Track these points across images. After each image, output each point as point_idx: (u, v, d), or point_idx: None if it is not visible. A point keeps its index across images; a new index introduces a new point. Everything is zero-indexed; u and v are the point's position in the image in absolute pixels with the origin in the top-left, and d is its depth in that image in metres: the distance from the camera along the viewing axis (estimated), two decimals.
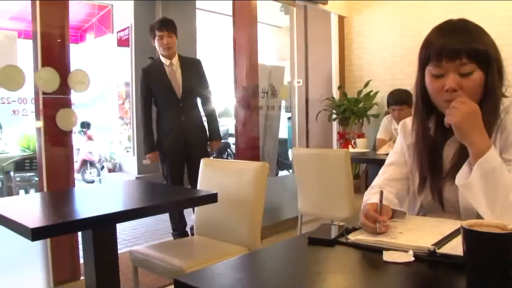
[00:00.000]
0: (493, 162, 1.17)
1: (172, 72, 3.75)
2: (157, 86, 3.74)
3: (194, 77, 3.83)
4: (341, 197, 3.12)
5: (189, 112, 3.78)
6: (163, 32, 3.67)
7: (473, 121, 1.19)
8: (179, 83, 3.74)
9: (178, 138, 3.74)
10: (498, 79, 1.29)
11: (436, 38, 1.30)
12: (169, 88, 3.71)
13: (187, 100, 3.77)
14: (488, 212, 1.16)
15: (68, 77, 3.03)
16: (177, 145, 3.74)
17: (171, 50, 3.73)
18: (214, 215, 2.41)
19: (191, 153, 3.75)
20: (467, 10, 4.61)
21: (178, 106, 3.73)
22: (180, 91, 3.73)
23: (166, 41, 3.67)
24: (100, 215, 1.66)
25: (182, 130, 3.73)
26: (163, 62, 3.75)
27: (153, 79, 3.75)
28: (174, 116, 3.74)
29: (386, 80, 5.23)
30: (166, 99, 3.74)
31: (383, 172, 1.51)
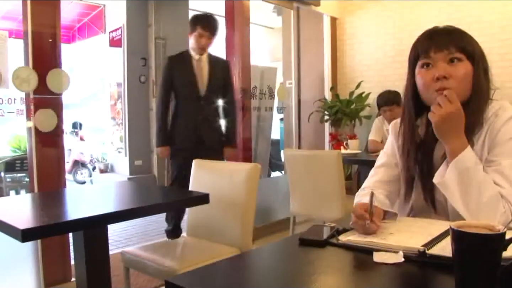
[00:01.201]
0: (468, 162, 1.21)
1: (199, 67, 3.60)
2: (181, 78, 3.57)
3: (220, 77, 3.68)
4: (333, 198, 3.13)
5: (208, 112, 3.61)
6: (205, 32, 3.51)
7: (452, 122, 1.22)
8: (204, 80, 3.59)
9: (192, 136, 3.56)
10: (484, 78, 1.31)
11: (424, 39, 1.34)
12: (192, 83, 3.56)
13: (209, 99, 3.61)
14: (465, 211, 1.19)
15: (46, 76, 2.98)
16: (190, 144, 3.56)
17: (205, 52, 3.61)
18: (206, 216, 2.41)
19: (203, 155, 3.34)
20: (457, 12, 4.65)
21: (199, 104, 3.56)
22: (204, 88, 3.58)
23: (204, 42, 3.53)
24: (91, 216, 1.66)
25: (198, 129, 3.56)
26: (192, 55, 3.60)
27: (178, 69, 3.59)
28: (193, 113, 3.56)
29: (378, 81, 5.25)
30: (187, 94, 3.57)
31: (374, 173, 1.52)
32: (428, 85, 1.29)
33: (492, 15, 4.50)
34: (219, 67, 3.69)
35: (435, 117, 1.23)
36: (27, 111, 2.97)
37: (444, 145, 1.26)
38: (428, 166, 1.34)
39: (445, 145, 1.26)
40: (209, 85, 3.58)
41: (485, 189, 1.19)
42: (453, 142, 1.23)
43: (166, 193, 2.52)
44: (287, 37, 5.87)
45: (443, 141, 1.26)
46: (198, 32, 3.49)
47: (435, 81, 1.27)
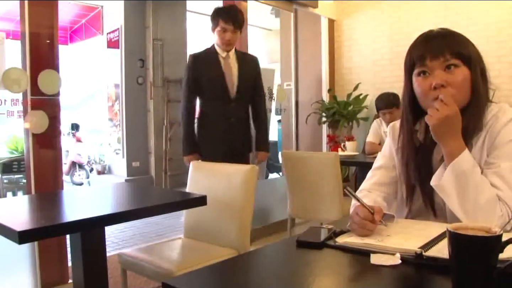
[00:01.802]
0: (465, 165, 1.21)
1: (227, 66, 3.26)
2: (208, 78, 3.22)
3: (251, 76, 3.35)
4: (331, 200, 3.14)
5: (240, 115, 3.29)
6: (229, 26, 3.16)
7: (449, 125, 1.22)
8: (234, 80, 3.25)
9: (223, 143, 3.22)
10: (482, 81, 1.31)
11: (419, 44, 1.33)
12: (221, 83, 3.20)
13: (240, 101, 3.28)
14: (462, 213, 1.19)
15: (38, 77, 2.96)
16: (220, 151, 3.17)
17: (231, 47, 3.26)
18: (204, 218, 2.41)
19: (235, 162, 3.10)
20: (454, 14, 4.67)
21: (229, 106, 3.22)
22: (234, 89, 3.24)
23: (229, 37, 3.18)
24: (88, 218, 1.65)
25: (229, 135, 3.23)
26: (218, 53, 3.25)
27: (204, 69, 3.23)
28: (223, 117, 3.21)
29: (375, 83, 5.26)
30: (216, 96, 3.22)
31: (371, 175, 1.52)
32: (426, 93, 1.29)
33: (488, 17, 4.52)
34: (249, 64, 3.38)
35: (432, 120, 1.23)
36: (24, 113, 2.96)
37: (442, 147, 1.26)
38: (427, 170, 1.34)
39: (442, 147, 1.26)
40: (240, 85, 3.25)
41: (482, 192, 1.19)
42: (451, 145, 1.24)
43: (163, 195, 2.52)
44: (285, 39, 5.88)
45: (440, 143, 1.27)
46: (220, 27, 3.17)
47: (433, 90, 1.27)
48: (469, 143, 1.27)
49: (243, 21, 3.25)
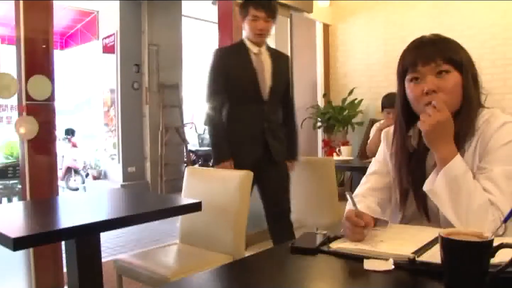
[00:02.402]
0: (457, 170, 1.22)
1: (260, 63, 2.90)
2: (237, 76, 2.86)
3: (285, 76, 3.04)
4: (326, 204, 3.15)
5: (273, 119, 2.95)
6: (260, 13, 2.81)
7: (441, 130, 1.24)
8: (267, 79, 2.90)
9: (257, 149, 2.88)
10: (473, 86, 1.32)
11: (411, 50, 1.35)
12: (253, 82, 2.86)
13: (273, 103, 2.95)
14: (455, 218, 1.20)
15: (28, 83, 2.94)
16: (254, 159, 2.86)
17: (264, 38, 2.90)
18: (199, 223, 2.41)
19: (272, 171, 2.94)
20: (448, 19, 4.70)
21: (262, 108, 2.88)
22: (267, 89, 2.89)
23: (261, 26, 2.82)
24: (84, 224, 1.65)
25: (263, 140, 2.89)
26: (249, 48, 2.89)
27: (233, 66, 2.88)
28: (256, 120, 2.89)
29: (370, 88, 5.28)
30: (247, 96, 2.88)
31: (365, 181, 1.53)
32: (419, 99, 1.30)
33: (482, 22, 4.55)
34: (282, 63, 3.06)
35: (424, 125, 1.24)
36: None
37: (434, 153, 1.27)
38: (421, 175, 1.35)
39: (435, 153, 1.27)
40: (273, 85, 2.91)
41: (474, 197, 1.20)
42: (443, 150, 1.25)
43: (158, 201, 2.52)
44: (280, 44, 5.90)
45: (432, 149, 1.28)
46: (251, 15, 2.82)
47: (425, 95, 1.28)
48: (461, 148, 1.28)
49: (276, 10, 2.92)
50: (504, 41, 4.43)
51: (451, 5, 4.72)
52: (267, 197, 2.98)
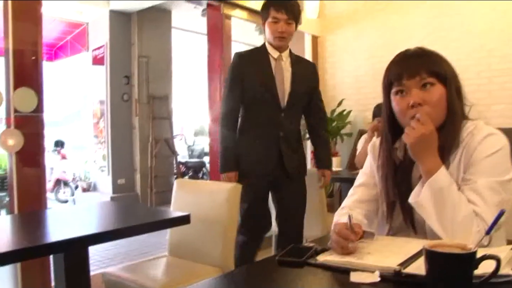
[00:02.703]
0: (442, 182, 1.24)
1: (279, 69, 2.78)
2: (255, 81, 2.74)
3: (307, 83, 2.87)
4: (315, 216, 3.15)
5: (290, 127, 2.80)
6: (282, 15, 2.68)
7: (426, 143, 1.26)
8: (286, 86, 2.77)
9: (271, 160, 2.75)
10: (457, 99, 1.35)
11: (396, 64, 1.37)
12: (271, 89, 2.73)
13: (292, 112, 2.81)
14: (440, 230, 1.21)
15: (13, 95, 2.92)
16: (268, 170, 2.75)
17: (285, 42, 2.78)
18: (188, 236, 2.40)
19: (286, 185, 2.81)
20: (435, 32, 4.75)
21: (279, 117, 2.75)
22: (286, 97, 2.76)
23: (282, 28, 2.70)
24: (71, 238, 1.65)
25: (278, 151, 2.74)
26: (269, 53, 2.79)
27: (251, 70, 2.76)
28: (271, 129, 2.75)
29: (358, 99, 5.32)
30: (263, 103, 2.75)
31: (352, 193, 1.54)
32: (404, 112, 1.32)
33: (468, 34, 4.61)
34: (305, 69, 2.91)
35: (409, 138, 1.26)
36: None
37: (419, 165, 1.29)
38: (407, 187, 1.36)
39: (420, 165, 1.29)
40: (292, 93, 2.77)
41: (459, 209, 1.21)
42: (428, 163, 1.26)
43: (147, 213, 2.51)
44: None
45: (417, 161, 1.29)
46: (272, 17, 2.69)
47: (410, 108, 1.30)
48: (446, 160, 1.30)
49: (299, 13, 2.78)
50: (488, 53, 4.49)
51: (437, 18, 4.79)
52: (280, 212, 2.89)
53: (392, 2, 5.14)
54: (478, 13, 4.55)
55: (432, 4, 4.83)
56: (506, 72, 4.41)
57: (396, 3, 5.11)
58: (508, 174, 1.27)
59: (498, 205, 1.21)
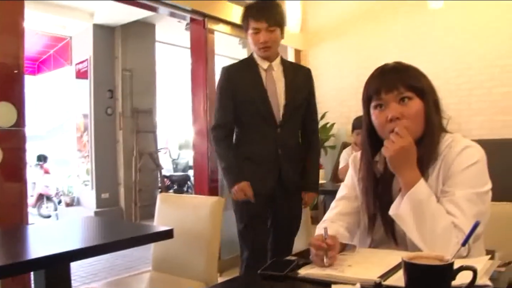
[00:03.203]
0: (421, 194, 1.26)
1: (271, 80, 2.55)
2: (246, 96, 2.54)
3: (302, 93, 2.63)
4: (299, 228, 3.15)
5: (289, 143, 2.57)
6: (261, 24, 2.45)
7: (405, 156, 1.28)
8: (280, 98, 2.54)
9: (270, 181, 2.53)
10: (435, 112, 1.37)
11: (375, 78, 1.40)
12: (264, 103, 2.51)
13: (290, 126, 2.58)
14: (420, 241, 1.23)
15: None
16: (267, 191, 2.54)
17: (271, 51, 2.54)
18: (171, 250, 2.39)
19: (284, 202, 2.60)
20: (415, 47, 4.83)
21: (275, 133, 2.53)
22: (281, 110, 2.53)
23: (264, 38, 2.47)
24: (52, 254, 1.63)
25: (277, 169, 2.53)
26: (258, 64, 2.57)
27: (241, 85, 2.55)
28: (268, 147, 2.53)
29: (342, 112, 5.36)
30: (257, 119, 2.53)
31: (334, 206, 1.56)
32: (383, 125, 1.35)
33: (448, 47, 4.70)
34: (299, 77, 2.66)
35: (388, 152, 1.29)
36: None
37: (399, 178, 1.31)
38: (387, 200, 1.38)
39: (399, 178, 1.31)
40: (288, 105, 2.54)
41: (438, 220, 1.23)
42: (407, 175, 1.29)
43: (130, 228, 2.49)
44: None
45: (397, 174, 1.32)
46: (251, 28, 2.49)
47: (389, 122, 1.32)
48: (425, 173, 1.32)
49: (282, 16, 2.55)
50: (468, 65, 4.58)
51: (419, 32, 4.87)
52: (279, 237, 2.66)
53: (374, 16, 5.22)
54: (458, 26, 4.64)
55: (413, 17, 4.91)
56: (485, 84, 4.50)
57: (377, 17, 5.20)
58: (486, 186, 1.30)
59: (476, 216, 1.23)
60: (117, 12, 6.54)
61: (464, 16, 4.60)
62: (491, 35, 4.47)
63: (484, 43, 4.50)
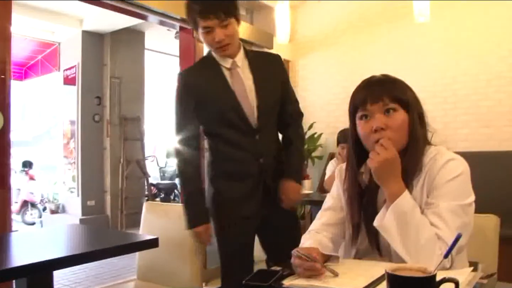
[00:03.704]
0: (405, 206, 1.27)
1: (238, 80, 2.11)
2: (212, 104, 2.10)
3: (276, 86, 2.19)
4: None
5: (270, 150, 2.16)
6: (211, 21, 1.99)
7: (389, 167, 1.30)
8: (252, 99, 2.10)
9: (253, 198, 2.10)
10: (419, 124, 1.39)
11: (361, 89, 1.42)
12: (234, 108, 2.07)
13: (268, 128, 2.15)
14: (404, 253, 1.24)
15: None
16: (252, 213, 2.11)
17: (230, 48, 2.09)
18: (157, 259, 2.38)
19: (274, 218, 2.15)
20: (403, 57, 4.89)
21: (253, 140, 2.10)
22: (255, 111, 2.09)
23: (219, 36, 2.02)
24: (35, 262, 1.61)
25: (261, 182, 2.11)
26: (220, 64, 2.13)
27: (204, 91, 2.11)
28: (246, 158, 2.10)
29: (329, 122, 5.39)
30: (230, 127, 2.10)
31: (320, 216, 1.57)
32: (368, 136, 1.36)
33: (433, 59, 4.76)
34: (269, 68, 2.22)
35: (373, 163, 1.30)
36: None
37: (383, 189, 1.32)
38: (372, 211, 1.39)
39: (384, 189, 1.32)
40: (261, 105, 2.10)
41: (422, 232, 1.24)
42: (391, 187, 1.30)
43: (115, 237, 2.47)
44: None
45: (381, 185, 1.33)
46: (202, 27, 2.03)
47: (373, 132, 1.34)
48: (409, 185, 1.34)
49: (233, 4, 2.07)
50: (453, 79, 4.64)
51: (406, 45, 4.93)
52: (272, 251, 2.25)
53: (361, 28, 5.28)
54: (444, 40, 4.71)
55: (400, 31, 4.97)
56: (470, 98, 4.56)
57: (365, 29, 5.25)
58: (469, 198, 1.32)
59: (460, 228, 1.24)
60: (107, 19, 6.52)
61: (450, 30, 4.67)
62: (476, 50, 4.54)
63: (469, 57, 4.57)
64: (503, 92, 4.40)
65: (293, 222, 2.29)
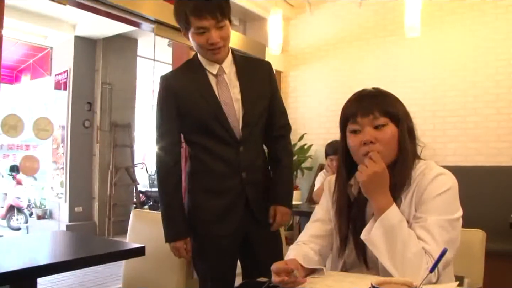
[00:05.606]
0: (393, 219, 1.28)
1: (224, 87, 1.98)
2: (195, 113, 1.96)
3: (264, 95, 2.06)
4: None
5: (254, 164, 2.02)
6: (207, 21, 1.85)
7: (378, 181, 1.31)
8: (237, 108, 1.97)
9: (235, 214, 1.97)
10: (409, 139, 1.40)
11: (352, 102, 1.43)
12: (218, 118, 1.94)
13: (252, 140, 2.02)
14: (391, 267, 1.25)
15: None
16: (233, 230, 1.97)
17: (224, 51, 1.97)
18: (143, 268, 2.36)
19: (255, 236, 2.03)
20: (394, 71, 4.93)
21: (236, 153, 1.96)
22: (240, 122, 1.97)
23: (215, 38, 1.88)
24: (19, 269, 1.59)
25: (243, 198, 1.98)
26: (206, 69, 2.00)
27: (187, 97, 1.97)
28: (229, 172, 1.97)
29: (320, 133, 5.41)
30: (213, 138, 1.96)
31: (308, 227, 1.57)
32: (357, 149, 1.37)
33: (425, 74, 4.81)
34: (257, 76, 2.08)
35: (361, 176, 1.30)
36: None
37: (371, 202, 1.33)
38: (361, 223, 1.39)
39: (372, 202, 1.32)
40: (247, 114, 1.98)
41: (409, 246, 1.25)
42: (379, 200, 1.30)
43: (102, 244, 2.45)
44: None
45: (370, 199, 1.33)
46: (195, 27, 1.87)
47: (363, 145, 1.35)
48: (398, 198, 1.34)
49: (227, 4, 1.92)
50: (443, 94, 4.69)
51: (396, 59, 4.98)
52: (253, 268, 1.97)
53: (353, 42, 5.33)
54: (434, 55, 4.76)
55: (391, 45, 5.03)
56: (459, 112, 4.61)
57: (357, 43, 5.30)
58: (457, 213, 1.33)
59: (447, 242, 1.25)
60: (100, 25, 6.51)
61: (440, 46, 4.73)
62: (465, 66, 4.61)
63: (458, 73, 4.64)
64: (491, 108, 4.47)
65: (275, 239, 2.13)
